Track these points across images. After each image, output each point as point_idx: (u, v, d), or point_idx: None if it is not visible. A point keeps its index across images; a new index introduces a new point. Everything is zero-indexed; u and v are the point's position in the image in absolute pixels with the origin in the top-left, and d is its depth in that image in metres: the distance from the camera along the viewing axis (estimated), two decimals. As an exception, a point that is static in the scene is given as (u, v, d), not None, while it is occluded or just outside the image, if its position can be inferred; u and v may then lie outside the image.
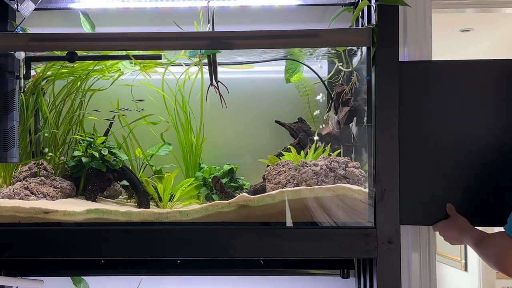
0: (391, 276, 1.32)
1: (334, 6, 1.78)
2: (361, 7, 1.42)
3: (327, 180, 1.47)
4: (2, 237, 1.37)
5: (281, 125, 1.77)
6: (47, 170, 1.63)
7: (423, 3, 1.80)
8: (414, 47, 1.78)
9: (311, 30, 1.42)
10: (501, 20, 3.46)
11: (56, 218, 1.40)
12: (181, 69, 1.69)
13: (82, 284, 1.79)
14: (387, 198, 1.33)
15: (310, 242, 1.34)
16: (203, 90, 1.64)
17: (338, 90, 1.68)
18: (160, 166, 1.71)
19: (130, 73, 1.67)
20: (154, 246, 1.36)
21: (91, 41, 1.44)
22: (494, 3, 1.93)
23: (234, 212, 1.43)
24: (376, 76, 1.35)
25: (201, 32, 1.57)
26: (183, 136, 1.69)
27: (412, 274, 1.75)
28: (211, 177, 1.64)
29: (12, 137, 1.49)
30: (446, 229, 1.53)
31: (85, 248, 1.37)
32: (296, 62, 1.71)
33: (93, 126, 1.71)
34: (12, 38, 1.45)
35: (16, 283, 1.66)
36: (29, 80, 1.59)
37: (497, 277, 3.77)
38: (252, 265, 1.69)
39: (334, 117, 1.60)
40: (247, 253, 1.37)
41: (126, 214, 1.43)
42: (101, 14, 1.83)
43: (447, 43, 3.89)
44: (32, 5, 1.59)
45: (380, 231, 1.33)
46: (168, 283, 1.84)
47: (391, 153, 1.34)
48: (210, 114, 1.69)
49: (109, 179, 1.63)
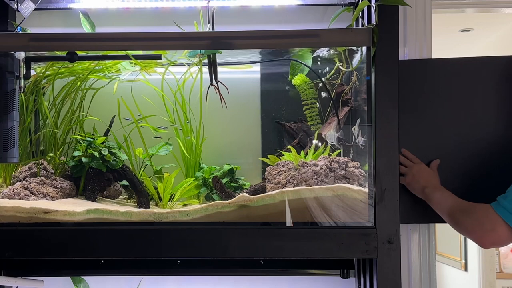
0: (391, 276, 1.32)
1: (334, 6, 1.78)
2: (361, 7, 1.42)
3: (327, 180, 1.47)
4: (2, 237, 1.37)
5: (281, 125, 1.77)
6: (47, 170, 1.63)
7: (423, 3, 1.80)
8: (414, 47, 1.78)
9: (311, 30, 1.42)
10: (501, 20, 3.46)
11: (56, 218, 1.40)
12: (181, 69, 1.69)
13: (82, 284, 1.79)
14: (387, 198, 1.33)
15: (310, 242, 1.34)
16: (203, 90, 1.64)
17: (338, 90, 1.68)
18: (160, 166, 1.71)
19: (130, 73, 1.67)
20: (154, 246, 1.36)
21: (91, 41, 1.44)
22: (494, 3, 1.93)
23: (234, 212, 1.43)
24: (376, 76, 1.35)
25: (201, 32, 1.57)
26: (183, 136, 1.69)
27: (412, 274, 1.75)
28: (211, 177, 1.64)
29: (12, 137, 1.49)
30: (420, 175, 1.54)
31: (85, 248, 1.37)
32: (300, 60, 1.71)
33: (93, 126, 1.71)
34: (12, 38, 1.44)
35: (16, 283, 1.66)
36: (29, 80, 1.59)
37: (497, 277, 3.76)
38: (252, 265, 1.69)
39: (335, 134, 1.59)
40: (247, 253, 1.37)
41: (126, 214, 1.43)
42: (101, 14, 1.83)
43: (447, 43, 3.88)
44: (32, 5, 1.59)
45: (380, 231, 1.33)
46: (168, 283, 1.84)
47: (391, 153, 1.34)
48: (210, 114, 1.69)
49: (109, 179, 1.63)
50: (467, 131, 1.63)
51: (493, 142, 1.62)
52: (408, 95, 1.60)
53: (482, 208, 1.36)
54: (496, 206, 1.33)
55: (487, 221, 1.33)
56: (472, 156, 1.62)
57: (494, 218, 1.32)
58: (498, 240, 1.34)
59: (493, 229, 1.32)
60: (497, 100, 1.63)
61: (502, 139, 1.61)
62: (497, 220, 1.31)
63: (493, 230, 1.32)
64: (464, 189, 1.55)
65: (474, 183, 1.60)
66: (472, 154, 1.62)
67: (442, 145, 1.63)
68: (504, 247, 3.85)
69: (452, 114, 1.64)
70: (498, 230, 1.31)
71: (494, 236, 1.33)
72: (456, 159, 1.62)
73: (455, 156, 1.62)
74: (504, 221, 1.30)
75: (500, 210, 1.31)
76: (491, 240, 1.34)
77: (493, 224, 1.32)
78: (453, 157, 1.62)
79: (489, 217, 1.33)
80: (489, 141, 1.62)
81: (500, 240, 1.34)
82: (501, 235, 1.32)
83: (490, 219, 1.32)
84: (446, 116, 1.64)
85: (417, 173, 1.55)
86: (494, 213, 1.32)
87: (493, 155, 1.61)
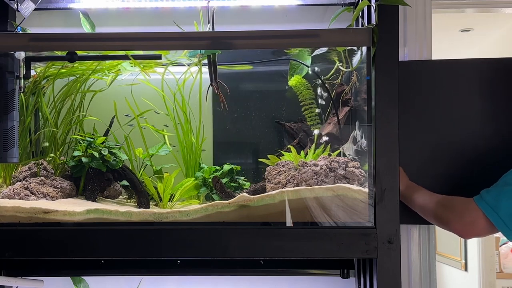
0: (391, 276, 1.32)
1: (334, 6, 1.78)
2: (361, 7, 1.42)
3: (327, 180, 1.47)
4: (2, 237, 1.36)
5: (281, 125, 1.77)
6: (47, 170, 1.63)
7: (423, 3, 1.80)
8: (414, 47, 1.78)
9: (311, 30, 1.42)
10: (501, 20, 3.46)
11: (56, 218, 1.40)
12: (181, 69, 1.69)
13: (82, 284, 1.79)
14: (387, 198, 1.33)
15: (310, 242, 1.34)
16: (203, 90, 1.64)
17: (338, 90, 1.68)
18: (160, 166, 1.71)
19: (130, 73, 1.67)
20: (154, 246, 1.36)
21: (91, 41, 1.44)
22: (494, 3, 1.93)
23: (234, 212, 1.43)
24: (376, 76, 1.35)
25: (201, 32, 1.57)
26: (183, 136, 1.69)
27: (412, 274, 1.75)
28: (211, 177, 1.64)
29: (12, 137, 1.49)
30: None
31: (85, 248, 1.37)
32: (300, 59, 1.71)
33: (93, 126, 1.71)
34: (12, 38, 1.44)
35: (16, 283, 1.66)
36: (29, 80, 1.59)
37: (497, 277, 3.77)
38: (252, 265, 1.69)
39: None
40: (247, 253, 1.37)
41: (126, 214, 1.43)
42: (101, 14, 1.83)
43: (447, 43, 3.89)
44: (32, 5, 1.59)
45: (380, 231, 1.33)
46: (168, 283, 1.84)
47: (391, 153, 1.34)
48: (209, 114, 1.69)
49: (109, 179, 1.63)
50: (464, 131, 1.64)
51: (492, 145, 1.63)
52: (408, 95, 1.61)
53: (463, 200, 1.38)
54: (478, 199, 1.35)
55: (467, 214, 1.35)
56: (470, 156, 1.63)
57: (475, 211, 1.34)
58: (477, 232, 1.36)
59: (472, 222, 1.34)
60: (497, 100, 1.64)
61: (504, 139, 1.62)
62: (477, 213, 1.33)
63: (472, 223, 1.34)
64: (466, 193, 1.55)
65: (475, 187, 1.60)
66: (471, 156, 1.63)
67: (439, 146, 1.64)
68: (504, 247, 3.86)
69: (449, 115, 1.65)
70: (478, 223, 1.34)
71: (473, 229, 1.35)
72: (454, 159, 1.63)
73: (451, 157, 1.63)
74: (484, 214, 1.32)
75: (481, 204, 1.33)
76: (470, 232, 1.37)
77: (473, 217, 1.34)
78: (450, 157, 1.63)
79: (470, 209, 1.35)
80: (488, 144, 1.63)
81: (480, 233, 1.36)
82: (480, 228, 1.34)
83: (470, 211, 1.35)
84: (445, 117, 1.65)
85: None
86: (475, 206, 1.34)
87: (493, 158, 1.61)
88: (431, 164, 1.62)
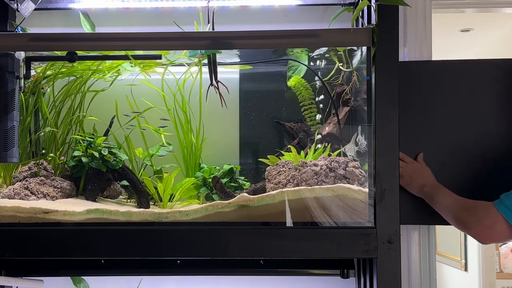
0: (391, 276, 1.32)
1: (334, 6, 1.78)
2: (361, 7, 1.42)
3: (327, 180, 1.47)
4: (2, 237, 1.37)
5: (281, 125, 1.77)
6: (47, 170, 1.63)
7: (423, 3, 1.80)
8: (414, 47, 1.78)
9: (311, 30, 1.42)
10: (501, 20, 3.46)
11: (56, 218, 1.40)
12: (181, 69, 1.69)
13: (82, 284, 1.79)
14: (387, 198, 1.33)
15: (310, 242, 1.34)
16: (203, 90, 1.64)
17: (338, 90, 1.68)
18: (160, 166, 1.71)
19: (130, 73, 1.67)
20: (154, 246, 1.36)
21: (91, 41, 1.44)
22: (494, 3, 1.93)
23: (234, 212, 1.43)
24: (376, 76, 1.35)
25: (201, 32, 1.57)
26: (183, 136, 1.69)
27: (412, 274, 1.75)
28: (211, 177, 1.64)
29: (12, 137, 1.49)
30: (417, 175, 1.55)
31: (85, 248, 1.37)
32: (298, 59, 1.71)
33: (93, 126, 1.71)
34: (12, 38, 1.44)
35: (16, 283, 1.66)
36: (29, 80, 1.59)
37: (497, 277, 3.76)
38: (252, 265, 1.69)
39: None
40: (247, 253, 1.37)
41: (126, 214, 1.43)
42: (101, 14, 1.83)
43: (447, 43, 3.88)
44: (32, 5, 1.59)
45: (380, 231, 1.33)
46: (168, 283, 1.84)
47: (391, 153, 1.34)
48: (210, 114, 1.69)
49: (109, 179, 1.63)
50: (469, 131, 1.64)
51: (496, 142, 1.63)
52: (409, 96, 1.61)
53: (483, 205, 1.38)
54: (498, 204, 1.35)
55: (486, 218, 1.35)
56: (475, 157, 1.63)
57: (495, 215, 1.34)
58: (497, 237, 1.36)
59: (491, 226, 1.34)
60: (498, 100, 1.64)
61: (505, 139, 1.62)
62: (497, 217, 1.33)
63: (491, 227, 1.34)
64: (467, 190, 1.55)
65: (477, 184, 1.61)
66: (474, 154, 1.63)
67: (443, 146, 1.64)
68: (504, 247, 3.85)
69: (453, 115, 1.65)
70: (497, 227, 1.33)
71: (492, 233, 1.35)
72: (458, 160, 1.63)
73: (456, 157, 1.63)
74: (504, 218, 1.32)
75: (501, 208, 1.33)
76: (489, 236, 1.37)
77: (492, 221, 1.34)
78: (455, 157, 1.63)
79: (489, 214, 1.35)
80: (491, 141, 1.63)
81: (499, 237, 1.36)
82: (499, 232, 1.34)
83: (490, 215, 1.35)
84: (446, 117, 1.65)
85: (413, 173, 1.56)
86: (495, 210, 1.34)
87: (495, 155, 1.62)
88: (430, 164, 1.62)
